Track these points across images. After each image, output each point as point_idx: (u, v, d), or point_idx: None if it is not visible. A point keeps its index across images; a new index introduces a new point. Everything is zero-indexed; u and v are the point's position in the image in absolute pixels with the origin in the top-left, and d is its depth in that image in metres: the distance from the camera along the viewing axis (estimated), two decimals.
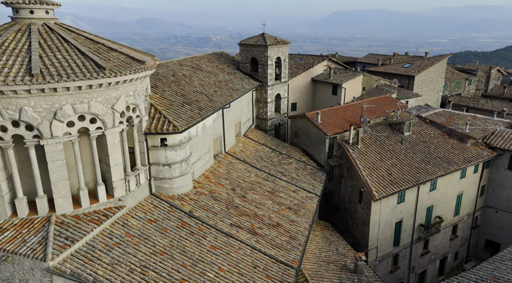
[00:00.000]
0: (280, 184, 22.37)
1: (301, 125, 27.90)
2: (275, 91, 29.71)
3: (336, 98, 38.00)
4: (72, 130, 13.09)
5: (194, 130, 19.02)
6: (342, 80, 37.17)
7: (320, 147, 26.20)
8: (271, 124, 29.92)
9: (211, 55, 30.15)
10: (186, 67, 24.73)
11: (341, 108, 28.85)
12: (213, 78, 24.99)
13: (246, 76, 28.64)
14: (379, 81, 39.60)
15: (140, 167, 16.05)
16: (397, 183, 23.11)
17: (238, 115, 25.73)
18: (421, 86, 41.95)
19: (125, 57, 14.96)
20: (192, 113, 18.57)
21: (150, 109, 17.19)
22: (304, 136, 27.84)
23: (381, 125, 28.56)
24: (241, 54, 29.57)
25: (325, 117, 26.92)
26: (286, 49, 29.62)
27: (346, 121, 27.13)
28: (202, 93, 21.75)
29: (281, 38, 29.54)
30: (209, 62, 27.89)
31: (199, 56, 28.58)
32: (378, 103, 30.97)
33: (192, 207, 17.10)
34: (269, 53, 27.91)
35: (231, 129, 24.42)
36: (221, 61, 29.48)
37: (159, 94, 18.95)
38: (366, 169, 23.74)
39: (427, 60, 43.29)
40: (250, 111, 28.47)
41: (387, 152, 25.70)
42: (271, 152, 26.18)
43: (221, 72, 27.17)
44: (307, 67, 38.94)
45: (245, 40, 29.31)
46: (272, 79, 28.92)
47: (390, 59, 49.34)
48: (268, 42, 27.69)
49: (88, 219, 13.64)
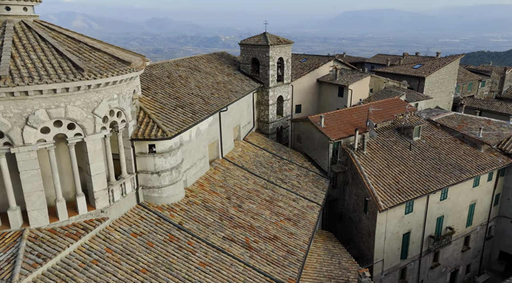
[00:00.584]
0: (279, 192, 21.11)
1: (304, 129, 26.59)
2: (277, 93, 28.44)
3: (342, 100, 36.56)
4: (47, 137, 12.03)
5: (187, 136, 17.88)
6: (348, 81, 35.72)
7: (324, 152, 24.86)
8: (272, 127, 28.66)
9: (211, 55, 29.03)
10: (183, 68, 23.64)
11: (346, 112, 27.46)
12: (211, 80, 23.85)
13: (246, 78, 27.43)
14: (388, 82, 38.02)
15: (126, 175, 14.96)
16: (405, 192, 21.65)
17: (237, 118, 24.55)
18: (432, 88, 40.22)
19: (109, 57, 13.88)
20: (184, 117, 17.44)
21: (139, 113, 16.11)
22: (307, 140, 26.53)
23: (388, 130, 27.08)
24: (241, 55, 28.38)
25: (329, 121, 25.56)
26: (289, 50, 28.34)
27: (351, 125, 25.74)
28: (197, 95, 20.62)
29: (283, 37, 28.27)
30: (208, 63, 26.76)
31: (198, 56, 27.49)
32: (386, 106, 29.48)
33: (183, 218, 15.95)
34: (270, 53, 26.65)
35: (229, 133, 23.25)
36: (221, 61, 28.33)
37: (150, 97, 17.87)
38: (372, 176, 22.32)
39: (439, 60, 41.53)
40: (250, 114, 27.26)
41: (395, 158, 24.23)
42: (272, 157, 24.93)
43: (220, 73, 26.02)
44: (312, 68, 37.56)
45: (246, 40, 28.11)
46: (273, 80, 27.66)
47: (399, 59, 47.61)
48: (269, 42, 26.45)
49: (65, 233, 12.58)
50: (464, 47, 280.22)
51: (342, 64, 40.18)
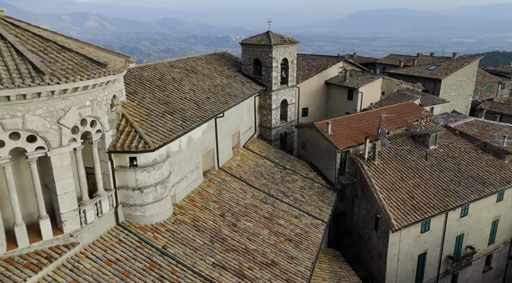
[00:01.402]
0: (280, 207, 19.09)
1: (309, 136, 24.52)
2: (280, 97, 26.41)
3: (351, 104, 34.34)
4: (2, 152, 10.28)
5: (176, 146, 16.02)
6: (358, 83, 33.48)
7: (330, 162, 22.76)
8: (275, 133, 26.64)
9: (211, 55, 27.16)
10: (178, 70, 21.81)
11: (355, 117, 25.28)
12: (208, 83, 21.97)
13: (248, 80, 25.48)
14: (401, 85, 35.63)
15: (102, 193, 13.16)
16: (421, 208, 19.42)
17: (236, 124, 22.62)
18: (448, 90, 37.66)
19: (81, 58, 12.08)
20: (173, 125, 15.57)
21: (120, 120, 14.30)
22: (312, 148, 24.45)
23: (402, 137, 24.82)
24: (243, 55, 26.43)
25: (337, 128, 23.44)
26: (294, 50, 26.28)
27: (361, 132, 23.57)
28: (191, 100, 18.75)
29: (288, 37, 26.23)
30: (206, 64, 24.90)
31: (197, 56, 25.65)
32: (399, 111, 27.20)
33: (168, 240, 14.09)
34: (274, 54, 24.64)
35: (227, 141, 21.33)
36: (221, 62, 26.44)
37: (136, 102, 16.07)
38: (384, 190, 20.15)
39: (456, 61, 38.91)
40: (251, 119, 25.29)
41: (409, 170, 21.98)
42: (274, 167, 22.92)
43: (219, 75, 24.12)
44: (320, 69, 35.43)
45: (247, 39, 26.14)
46: (277, 83, 25.63)
47: (413, 60, 45.05)
48: (273, 42, 24.44)
49: (24, 263, 10.82)
50: (478, 47, 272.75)
51: (352, 65, 37.93)
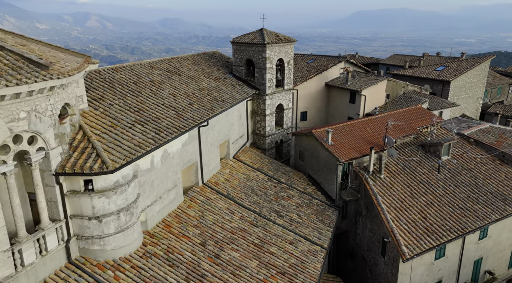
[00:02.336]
0: (273, 231, 16.54)
1: (307, 145, 21.98)
2: (276, 101, 23.86)
3: (354, 108, 31.82)
4: None
5: (147, 162, 13.50)
6: (361, 86, 30.94)
7: (331, 175, 20.21)
8: (270, 141, 24.09)
9: (199, 55, 24.62)
10: (159, 71, 19.29)
11: (358, 124, 22.72)
12: (192, 86, 19.44)
13: (239, 83, 22.94)
14: (407, 87, 33.08)
15: (47, 225, 10.65)
16: (435, 231, 16.86)
17: (225, 132, 20.09)
18: (457, 93, 35.08)
19: (16, 58, 9.58)
20: (143, 138, 13.05)
21: (76, 134, 11.79)
22: (310, 159, 21.91)
23: (410, 147, 22.26)
24: (234, 55, 23.90)
25: (338, 136, 20.89)
26: (291, 49, 23.74)
27: (365, 141, 21.02)
28: (170, 107, 16.23)
29: (284, 35, 23.69)
30: (193, 65, 22.38)
31: (183, 56, 23.13)
32: (407, 116, 24.64)
33: (132, 281, 11.56)
34: (268, 53, 22.10)
35: (214, 153, 18.81)
36: (210, 63, 23.91)
37: (101, 110, 13.55)
38: (392, 209, 17.59)
39: (466, 62, 36.32)
40: (243, 126, 22.75)
41: (420, 185, 19.42)
42: (267, 180, 20.38)
43: (207, 77, 21.60)
44: (320, 70, 32.90)
45: (238, 37, 23.61)
46: (271, 86, 23.09)
47: (419, 60, 42.49)
48: (266, 40, 21.90)
49: None
50: (479, 47, 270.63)
51: (354, 65, 35.40)
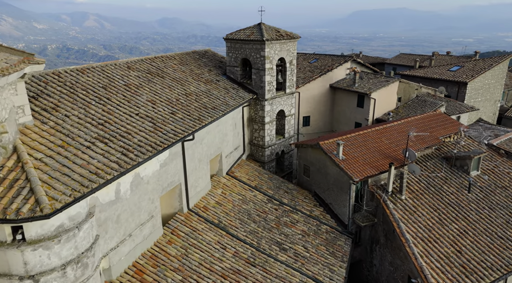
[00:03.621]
0: (275, 271, 13.41)
1: (314, 158, 18.87)
2: (276, 107, 20.75)
3: (362, 112, 28.75)
4: None
5: (110, 193, 10.36)
6: (371, 88, 27.88)
7: (342, 195, 17.12)
8: (270, 153, 20.97)
9: (188, 54, 21.49)
10: (137, 73, 16.15)
11: (372, 134, 19.62)
12: (177, 90, 16.31)
13: (233, 86, 19.81)
14: (420, 89, 30.04)
15: None
16: (475, 270, 13.77)
17: (216, 145, 16.98)
18: (474, 95, 32.07)
19: None
20: (104, 161, 9.90)
21: (8, 159, 8.66)
22: (317, 175, 18.80)
23: (433, 160, 19.19)
24: (228, 54, 20.77)
25: (350, 149, 17.79)
26: (294, 47, 20.63)
27: (382, 155, 17.93)
28: (146, 117, 13.09)
29: (286, 30, 20.59)
30: (180, 65, 19.24)
31: (168, 55, 20.01)
32: (426, 124, 21.58)
33: None
34: (267, 52, 18.97)
35: (202, 171, 15.69)
36: (200, 63, 20.78)
37: (51, 125, 10.41)
38: (419, 240, 14.51)
39: (482, 61, 33.29)
40: (238, 136, 19.62)
41: (449, 207, 16.34)
42: (267, 202, 17.25)
43: (196, 80, 18.46)
44: (324, 71, 29.82)
45: (233, 34, 20.47)
46: (271, 90, 19.96)
47: (430, 60, 39.44)
48: (265, 36, 18.77)
49: None
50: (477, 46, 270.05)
51: (362, 66, 32.33)
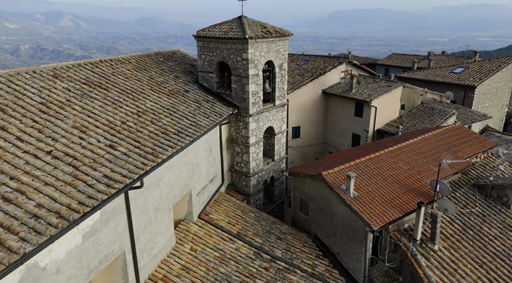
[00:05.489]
0: None
1: (314, 192, 14.51)
2: (263, 124, 16.25)
3: (361, 122, 24.72)
4: None
5: None
6: (371, 94, 23.87)
7: (355, 246, 12.82)
8: (256, 183, 16.45)
9: (149, 56, 16.67)
10: (67, 84, 11.29)
11: (386, 157, 15.42)
12: (126, 108, 11.56)
13: (208, 98, 15.19)
14: (425, 95, 26.30)
15: None
16: None
17: (183, 181, 12.35)
18: (482, 100, 28.69)
19: None
20: None
21: None
22: (319, 214, 14.45)
23: (462, 188, 15.21)
24: (200, 56, 16.08)
25: (361, 180, 13.52)
26: (285, 47, 16.21)
27: (401, 186, 13.75)
28: (64, 157, 8.32)
29: (274, 26, 16.16)
30: (136, 70, 14.46)
31: (121, 58, 15.17)
32: (447, 140, 17.63)
33: None
34: (250, 54, 14.44)
35: (162, 223, 11.04)
36: (164, 68, 16.04)
37: None
38: None
39: (489, 63, 29.94)
40: (215, 163, 15.01)
41: (497, 261, 12.32)
42: (254, 259, 12.74)
43: (156, 90, 13.74)
44: (316, 74, 25.63)
45: (206, 30, 15.79)
46: (257, 102, 15.44)
47: (428, 60, 35.95)
48: (248, 33, 14.24)
49: None
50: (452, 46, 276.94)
51: (357, 68, 28.33)
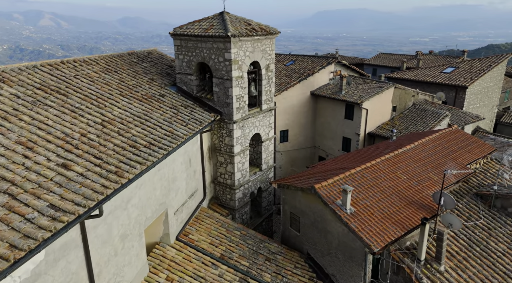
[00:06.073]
0: None
1: (305, 206, 13.14)
2: (249, 131, 14.80)
3: (351, 125, 23.57)
4: None
5: None
6: (362, 96, 22.74)
7: (353, 268, 11.50)
8: (242, 196, 14.98)
9: (121, 57, 14.95)
10: (17, 89, 9.56)
11: (383, 165, 14.19)
12: (88, 117, 9.91)
13: (187, 102, 13.63)
14: (417, 96, 25.36)
15: None
16: None
17: (157, 201, 10.78)
18: (473, 101, 27.98)
19: None
20: None
21: None
22: (311, 230, 13.09)
23: (464, 198, 14.13)
24: (177, 56, 14.49)
25: (358, 193, 12.23)
26: (272, 47, 14.79)
27: (402, 199, 12.53)
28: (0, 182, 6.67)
29: (260, 23, 14.73)
30: (105, 73, 12.77)
31: (87, 58, 13.43)
32: (445, 145, 16.58)
33: None
34: (234, 54, 12.96)
35: (131, 252, 9.46)
36: (138, 69, 14.39)
37: None
38: None
39: (479, 62, 29.28)
40: (195, 175, 13.45)
41: (508, 279, 11.22)
42: None
43: (127, 95, 12.11)
44: (304, 75, 24.35)
45: (184, 27, 14.21)
46: (242, 107, 13.97)
47: (417, 60, 35.17)
48: (231, 31, 12.76)
49: None
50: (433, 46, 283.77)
51: (347, 68, 27.18)
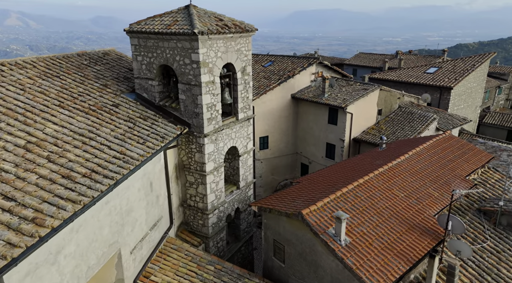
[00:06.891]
0: None
1: (291, 234, 11.17)
2: (224, 144, 12.68)
3: (335, 130, 21.93)
4: None
5: None
6: (346, 99, 21.12)
7: None
8: (217, 220, 12.84)
9: (67, 58, 12.45)
10: None
11: (377, 182, 12.41)
12: (10, 138, 7.53)
13: (147, 113, 11.37)
14: (403, 98, 24.03)
15: None
16: None
17: (106, 241, 8.51)
18: (457, 102, 27.03)
19: None
20: None
21: None
22: (298, 262, 11.13)
23: (467, 215, 12.60)
24: (136, 58, 12.19)
25: (352, 218, 10.39)
26: (248, 46, 12.74)
27: (401, 222, 10.79)
28: None
29: (233, 19, 12.65)
30: (43, 78, 10.30)
31: (22, 60, 10.90)
32: (441, 155, 15.08)
33: None
34: (203, 54, 10.81)
35: None
36: (89, 73, 11.96)
37: None
38: None
39: (462, 62, 28.39)
40: (159, 201, 11.20)
41: None
42: None
43: (70, 106, 9.74)
44: (284, 77, 22.49)
45: (142, 23, 11.90)
46: (214, 118, 11.84)
47: (399, 60, 34.12)
48: (198, 27, 10.61)
49: None
50: (405, 45, 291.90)
51: (328, 69, 25.54)
